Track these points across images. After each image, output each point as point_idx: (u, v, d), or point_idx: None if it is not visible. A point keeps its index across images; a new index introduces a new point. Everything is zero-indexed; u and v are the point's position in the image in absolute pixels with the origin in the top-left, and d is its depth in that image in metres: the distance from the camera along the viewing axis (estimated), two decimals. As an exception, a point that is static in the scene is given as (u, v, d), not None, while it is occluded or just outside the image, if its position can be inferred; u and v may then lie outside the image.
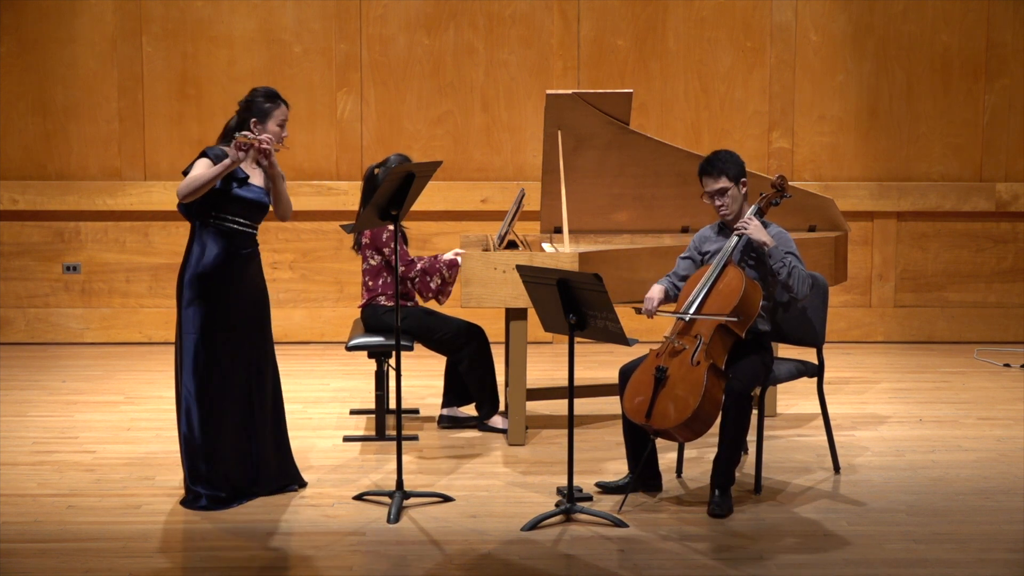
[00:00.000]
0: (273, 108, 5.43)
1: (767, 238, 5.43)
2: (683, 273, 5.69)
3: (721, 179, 5.52)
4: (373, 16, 8.57)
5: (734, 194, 5.53)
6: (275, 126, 5.43)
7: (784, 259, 5.42)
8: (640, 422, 5.34)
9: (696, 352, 5.30)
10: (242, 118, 5.43)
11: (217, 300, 5.40)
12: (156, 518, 5.30)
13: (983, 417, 6.90)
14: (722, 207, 5.54)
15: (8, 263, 8.62)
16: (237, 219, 5.41)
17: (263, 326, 5.55)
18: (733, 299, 5.34)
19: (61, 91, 8.55)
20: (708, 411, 5.25)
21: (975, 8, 8.64)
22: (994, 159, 8.75)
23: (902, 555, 4.94)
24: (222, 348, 5.41)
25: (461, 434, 6.56)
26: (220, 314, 5.40)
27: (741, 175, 5.55)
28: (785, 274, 5.40)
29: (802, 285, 5.42)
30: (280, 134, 5.44)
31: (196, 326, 5.38)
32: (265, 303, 5.57)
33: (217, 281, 5.39)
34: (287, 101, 5.49)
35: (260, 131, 5.40)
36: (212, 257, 5.38)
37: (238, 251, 5.43)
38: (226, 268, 5.40)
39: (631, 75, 8.62)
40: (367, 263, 6.47)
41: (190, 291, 5.39)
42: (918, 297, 8.85)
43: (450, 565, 4.83)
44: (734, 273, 5.43)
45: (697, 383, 5.22)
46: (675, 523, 5.26)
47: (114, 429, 6.62)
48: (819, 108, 8.72)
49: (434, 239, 8.55)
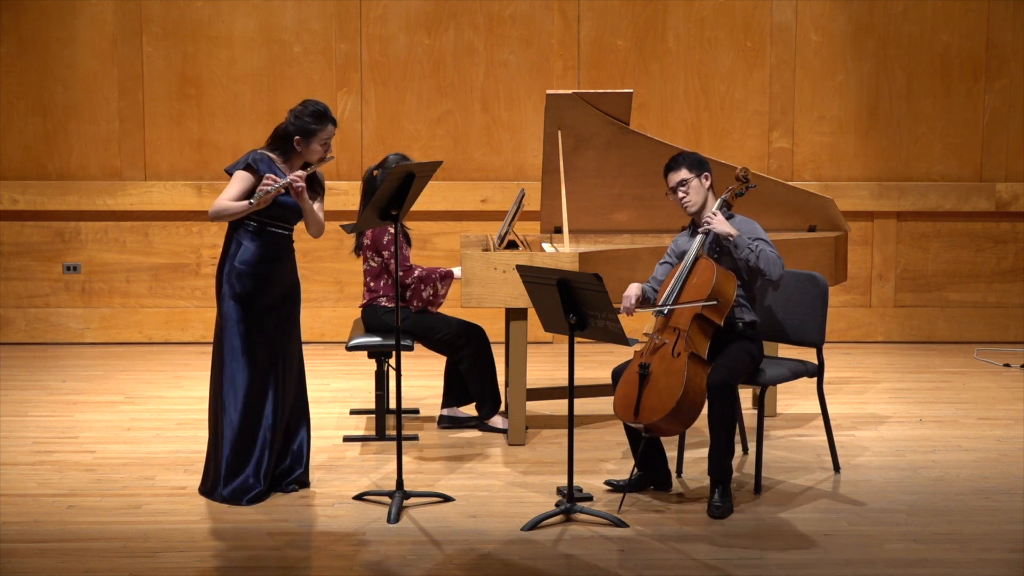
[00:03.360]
0: (319, 130, 5.46)
1: (731, 229, 5.49)
2: (661, 278, 5.73)
3: (680, 171, 5.59)
4: (373, 16, 8.57)
5: (695, 185, 5.59)
6: (318, 146, 5.48)
7: (751, 245, 5.47)
8: (629, 421, 5.38)
9: (676, 344, 5.34)
10: (290, 131, 5.46)
11: (255, 294, 5.48)
12: (156, 518, 5.30)
13: (983, 417, 6.90)
14: (684, 198, 5.60)
15: (8, 263, 8.62)
16: (275, 222, 5.52)
17: (293, 323, 5.64)
18: (706, 289, 5.40)
19: (61, 91, 8.55)
20: (693, 400, 5.29)
21: (975, 8, 8.63)
22: (994, 159, 8.75)
23: (902, 555, 4.94)
24: (258, 340, 5.49)
25: (461, 434, 6.56)
26: (257, 308, 5.49)
27: (703, 169, 5.62)
28: (754, 259, 5.45)
29: (772, 267, 5.45)
30: (324, 153, 5.50)
31: (238, 316, 5.46)
32: (298, 302, 5.67)
33: (255, 276, 5.48)
34: (336, 120, 5.53)
35: (304, 148, 5.45)
36: (250, 254, 5.47)
37: (274, 250, 5.53)
38: (263, 264, 5.49)
39: (631, 75, 8.62)
40: (368, 264, 6.48)
41: (228, 285, 5.48)
42: (918, 297, 8.85)
43: (450, 565, 4.83)
44: (705, 264, 5.50)
45: (679, 373, 5.28)
46: (675, 523, 5.26)
47: (114, 429, 6.62)
48: (819, 108, 8.72)
49: (434, 239, 8.55)
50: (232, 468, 5.46)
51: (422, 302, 6.45)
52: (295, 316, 5.66)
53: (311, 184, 5.55)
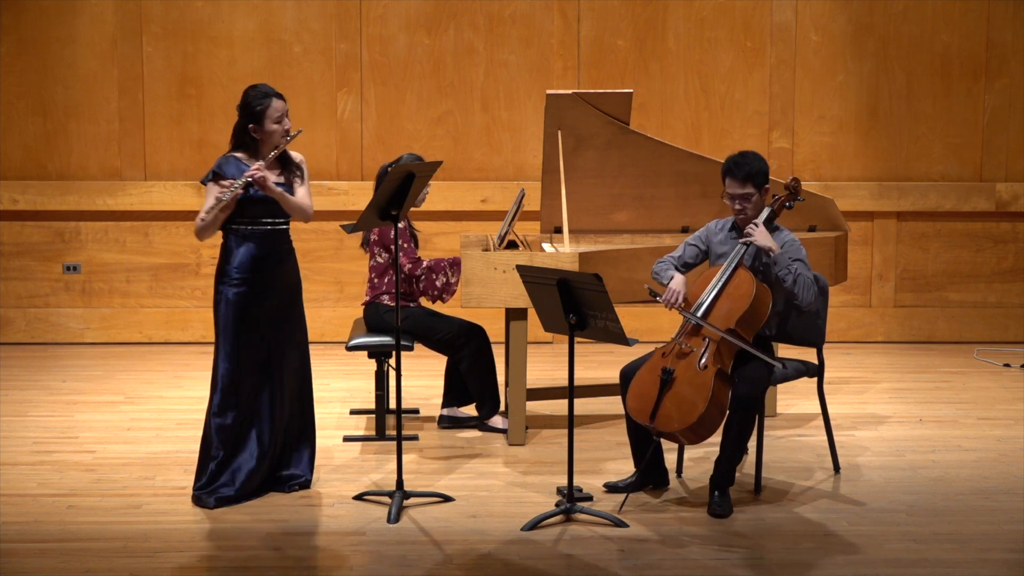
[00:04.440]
0: (265, 107, 5.39)
1: (773, 244, 5.40)
2: (688, 260, 5.66)
3: (747, 186, 5.47)
4: (373, 16, 8.57)
5: (756, 201, 5.50)
6: (273, 124, 5.42)
7: (790, 266, 5.38)
8: (644, 423, 5.34)
9: (704, 356, 5.29)
10: (243, 123, 5.43)
11: (250, 301, 5.44)
12: (156, 518, 5.30)
13: (983, 417, 6.90)
14: (741, 212, 5.51)
15: (8, 263, 8.61)
16: (264, 219, 5.46)
17: (298, 324, 5.61)
18: (744, 303, 5.33)
19: (61, 91, 8.55)
20: (714, 416, 5.24)
21: (975, 8, 8.63)
22: (994, 159, 8.75)
23: (902, 555, 4.94)
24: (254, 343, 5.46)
25: (461, 434, 6.56)
26: (252, 314, 5.45)
27: (766, 182, 5.51)
28: (791, 281, 5.37)
29: (807, 293, 5.38)
30: (281, 130, 5.43)
31: (230, 322, 5.43)
32: (300, 302, 5.63)
33: (248, 282, 5.43)
34: (280, 94, 5.46)
35: (261, 133, 5.40)
36: (242, 259, 5.43)
37: (270, 251, 5.48)
38: (257, 268, 5.45)
39: (631, 75, 8.62)
40: (374, 260, 6.48)
41: (221, 292, 5.45)
42: (918, 297, 8.85)
43: (450, 565, 4.83)
44: (745, 276, 5.41)
45: (704, 387, 5.22)
46: (675, 523, 5.26)
47: (114, 429, 6.62)
48: (819, 108, 8.72)
49: (434, 239, 8.55)
50: (201, 466, 5.46)
51: (437, 291, 6.45)
52: (295, 318, 5.61)
53: (286, 166, 5.48)
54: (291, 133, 5.45)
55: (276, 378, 5.54)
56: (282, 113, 5.43)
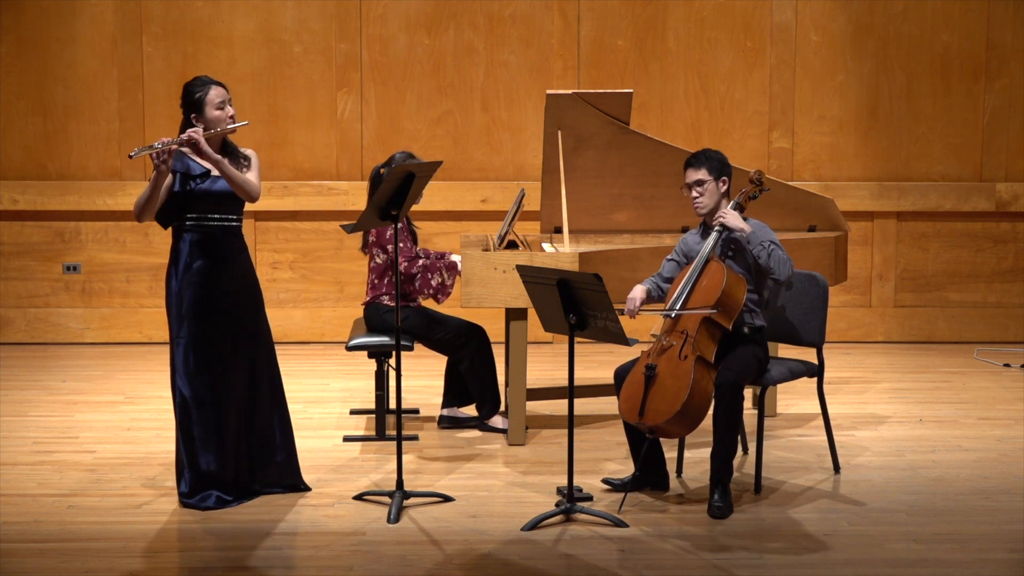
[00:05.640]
0: (204, 94, 5.34)
1: (744, 225, 5.49)
2: (667, 275, 5.73)
3: (701, 171, 5.57)
4: (373, 16, 8.57)
5: (711, 188, 5.57)
6: (214, 111, 5.35)
7: (762, 242, 5.47)
8: (634, 421, 5.37)
9: (683, 347, 5.34)
10: (186, 116, 5.38)
11: (204, 302, 5.35)
12: (156, 518, 5.30)
13: (983, 417, 6.90)
14: (697, 199, 5.59)
15: (8, 263, 8.62)
16: (212, 216, 5.36)
17: (255, 325, 5.49)
18: (716, 292, 5.39)
19: (61, 91, 8.55)
20: (698, 403, 5.28)
21: (975, 8, 8.64)
22: (994, 159, 8.75)
23: (902, 555, 4.94)
24: (213, 350, 5.37)
25: (461, 434, 6.56)
26: (208, 316, 5.36)
27: (723, 173, 5.59)
28: (765, 256, 5.44)
29: (782, 267, 5.45)
30: (225, 116, 5.35)
31: (185, 331, 5.34)
32: (256, 302, 5.50)
33: (202, 283, 5.34)
34: (221, 82, 5.40)
35: (203, 121, 5.31)
36: (195, 260, 5.34)
37: (221, 250, 5.38)
38: (210, 270, 5.35)
39: (631, 75, 8.62)
40: (373, 261, 6.48)
41: (176, 296, 5.35)
42: (918, 297, 8.85)
43: (450, 565, 4.83)
44: (716, 267, 5.48)
45: (685, 375, 5.27)
46: (675, 523, 5.26)
47: (114, 429, 6.62)
48: (819, 108, 8.72)
49: (434, 239, 8.55)
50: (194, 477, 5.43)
51: (432, 289, 6.43)
52: (255, 324, 5.48)
53: (232, 156, 5.38)
54: (237, 121, 5.38)
55: (235, 386, 5.42)
56: (224, 99, 5.36)
